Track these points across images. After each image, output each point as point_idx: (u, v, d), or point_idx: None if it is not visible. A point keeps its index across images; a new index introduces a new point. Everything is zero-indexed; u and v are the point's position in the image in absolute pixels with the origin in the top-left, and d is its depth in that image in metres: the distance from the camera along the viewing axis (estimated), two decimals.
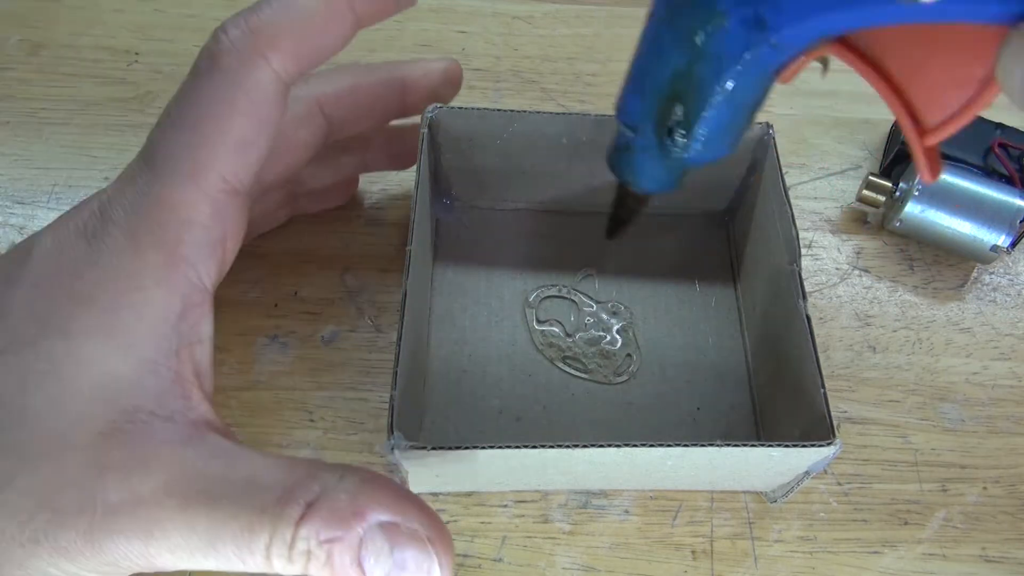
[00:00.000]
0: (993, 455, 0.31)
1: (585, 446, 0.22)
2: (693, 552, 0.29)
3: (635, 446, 0.22)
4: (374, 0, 0.23)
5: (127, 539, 0.19)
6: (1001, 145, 0.35)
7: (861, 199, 0.35)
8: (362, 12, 0.23)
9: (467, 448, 0.23)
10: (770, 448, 0.22)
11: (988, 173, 0.35)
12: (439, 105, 0.30)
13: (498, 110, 0.30)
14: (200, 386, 0.21)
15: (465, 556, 0.28)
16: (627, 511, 0.29)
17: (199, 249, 0.21)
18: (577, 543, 0.29)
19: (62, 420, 0.19)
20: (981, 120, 0.36)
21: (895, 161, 0.37)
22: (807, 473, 0.25)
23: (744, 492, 0.29)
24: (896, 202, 0.35)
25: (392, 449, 0.22)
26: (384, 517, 0.19)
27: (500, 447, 0.23)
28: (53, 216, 0.36)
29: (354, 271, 0.34)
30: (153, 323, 0.20)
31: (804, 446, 0.22)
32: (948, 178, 0.34)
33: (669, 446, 0.22)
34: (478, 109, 0.30)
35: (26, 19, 0.42)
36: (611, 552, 0.29)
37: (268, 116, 0.22)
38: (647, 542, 0.29)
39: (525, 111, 0.30)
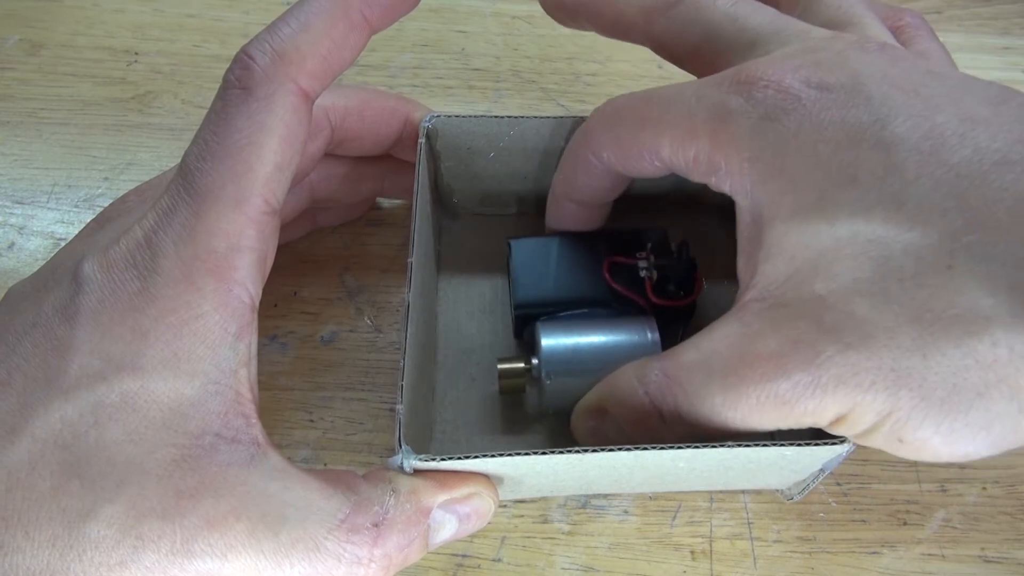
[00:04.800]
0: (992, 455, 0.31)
1: (596, 450, 0.22)
2: (692, 552, 0.29)
3: (647, 449, 0.22)
4: (384, 6, 0.23)
5: (203, 560, 0.20)
6: (613, 264, 0.29)
7: (501, 389, 0.29)
8: (374, 19, 0.23)
9: (478, 457, 0.22)
10: (783, 447, 0.22)
11: (621, 305, 0.29)
12: (437, 114, 0.30)
13: (496, 116, 0.30)
14: (253, 401, 0.22)
15: (464, 556, 0.28)
16: (626, 511, 0.29)
17: (249, 271, 0.22)
18: (576, 543, 0.29)
19: (138, 450, 0.20)
20: (586, 240, 0.30)
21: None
22: (822, 470, 0.25)
23: (744, 492, 0.30)
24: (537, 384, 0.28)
25: (401, 463, 0.23)
26: (442, 499, 0.23)
27: (512, 455, 0.22)
28: (52, 216, 0.36)
29: (353, 271, 0.34)
30: (214, 346, 0.21)
31: (817, 444, 0.22)
32: (566, 340, 0.28)
33: (681, 448, 0.22)
34: (476, 116, 0.30)
35: (26, 19, 0.42)
36: (610, 552, 0.29)
37: (299, 136, 0.22)
38: (646, 542, 0.29)
39: (523, 116, 0.30)
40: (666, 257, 0.29)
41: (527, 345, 0.30)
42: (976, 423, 0.19)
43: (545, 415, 0.30)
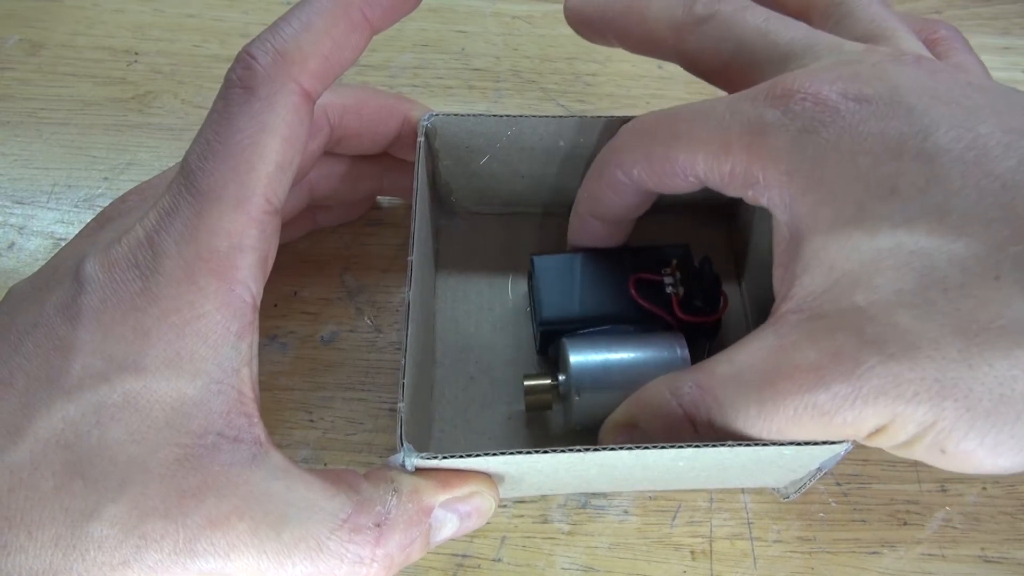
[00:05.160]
0: None
1: (597, 449, 0.22)
2: (692, 552, 0.29)
3: (647, 448, 0.22)
4: (385, 7, 0.23)
5: (206, 560, 0.20)
6: (639, 281, 0.29)
7: (528, 406, 0.29)
8: (375, 19, 0.23)
9: (478, 456, 0.23)
10: (781, 446, 0.22)
11: (646, 322, 0.29)
12: (435, 112, 0.30)
13: (494, 115, 0.30)
14: (256, 401, 0.22)
15: (464, 556, 0.28)
16: (626, 511, 0.29)
17: (250, 271, 0.22)
18: (576, 543, 0.29)
19: (140, 450, 0.20)
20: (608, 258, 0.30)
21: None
22: (819, 469, 0.25)
23: (744, 492, 0.30)
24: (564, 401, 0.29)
25: (403, 461, 0.23)
26: (444, 498, 0.23)
27: (511, 453, 0.22)
28: (52, 216, 0.36)
29: (353, 271, 0.34)
30: (216, 345, 0.21)
31: (815, 443, 0.22)
32: (595, 357, 0.28)
33: (681, 447, 0.22)
34: (474, 115, 0.30)
35: (26, 19, 0.42)
36: (610, 552, 0.29)
37: (301, 135, 0.22)
38: (646, 542, 0.29)
39: (522, 115, 0.30)
40: (691, 273, 0.29)
41: (551, 361, 0.30)
42: (1023, 435, 0.19)
43: (573, 432, 0.29)
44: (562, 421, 0.30)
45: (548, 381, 0.29)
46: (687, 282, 0.29)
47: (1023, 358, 0.19)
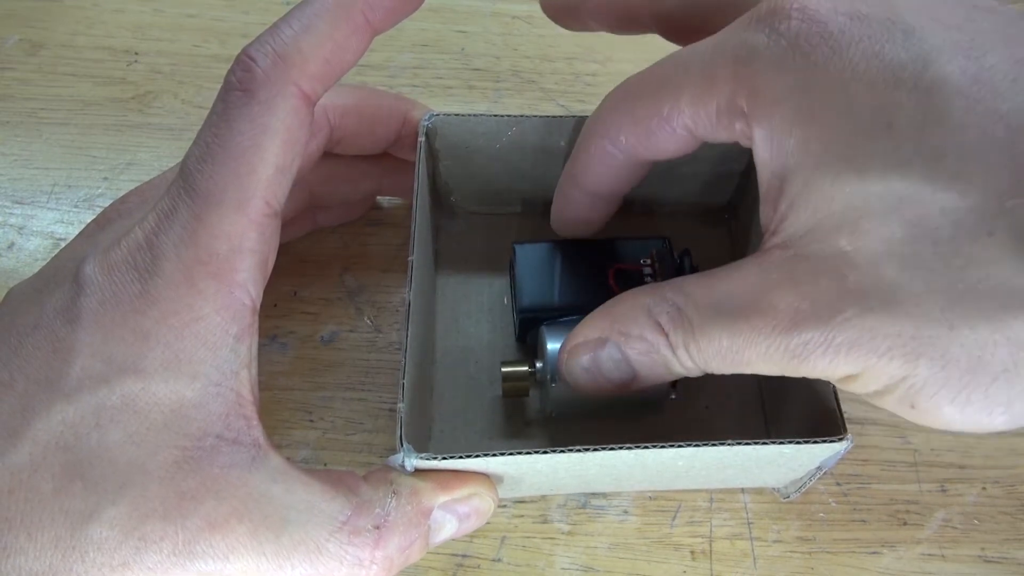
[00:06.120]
0: (992, 455, 0.31)
1: (597, 449, 0.22)
2: (692, 552, 0.29)
3: (646, 447, 0.22)
4: (387, 8, 0.23)
5: (205, 562, 0.20)
6: (618, 271, 0.30)
7: (505, 392, 0.29)
8: (376, 21, 0.23)
9: (478, 456, 0.23)
10: (781, 445, 0.22)
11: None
12: (436, 112, 0.30)
13: (495, 116, 0.30)
14: (255, 403, 0.22)
15: (464, 556, 0.28)
16: (626, 511, 0.29)
17: (250, 273, 0.22)
18: (576, 543, 0.29)
19: (140, 452, 0.20)
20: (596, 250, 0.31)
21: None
22: (819, 468, 0.25)
23: (744, 492, 0.30)
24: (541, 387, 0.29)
25: (403, 461, 0.23)
26: (443, 500, 0.23)
27: (512, 454, 0.23)
28: (52, 216, 0.36)
29: (353, 271, 0.34)
30: (215, 348, 0.21)
31: (815, 442, 0.22)
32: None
33: (680, 446, 0.22)
34: (475, 115, 0.30)
35: (26, 19, 0.42)
36: (610, 552, 0.29)
37: (301, 138, 0.22)
38: (646, 542, 0.29)
39: (522, 115, 0.30)
40: (670, 265, 0.30)
41: (530, 348, 0.30)
42: (996, 398, 0.18)
43: (548, 418, 0.30)
44: (539, 407, 0.30)
45: (525, 368, 0.29)
46: (665, 274, 0.29)
47: (1007, 323, 0.18)
